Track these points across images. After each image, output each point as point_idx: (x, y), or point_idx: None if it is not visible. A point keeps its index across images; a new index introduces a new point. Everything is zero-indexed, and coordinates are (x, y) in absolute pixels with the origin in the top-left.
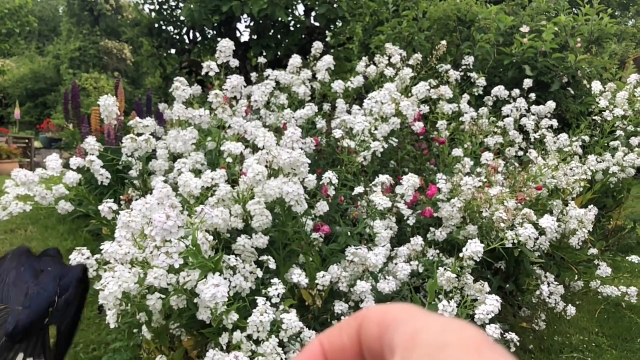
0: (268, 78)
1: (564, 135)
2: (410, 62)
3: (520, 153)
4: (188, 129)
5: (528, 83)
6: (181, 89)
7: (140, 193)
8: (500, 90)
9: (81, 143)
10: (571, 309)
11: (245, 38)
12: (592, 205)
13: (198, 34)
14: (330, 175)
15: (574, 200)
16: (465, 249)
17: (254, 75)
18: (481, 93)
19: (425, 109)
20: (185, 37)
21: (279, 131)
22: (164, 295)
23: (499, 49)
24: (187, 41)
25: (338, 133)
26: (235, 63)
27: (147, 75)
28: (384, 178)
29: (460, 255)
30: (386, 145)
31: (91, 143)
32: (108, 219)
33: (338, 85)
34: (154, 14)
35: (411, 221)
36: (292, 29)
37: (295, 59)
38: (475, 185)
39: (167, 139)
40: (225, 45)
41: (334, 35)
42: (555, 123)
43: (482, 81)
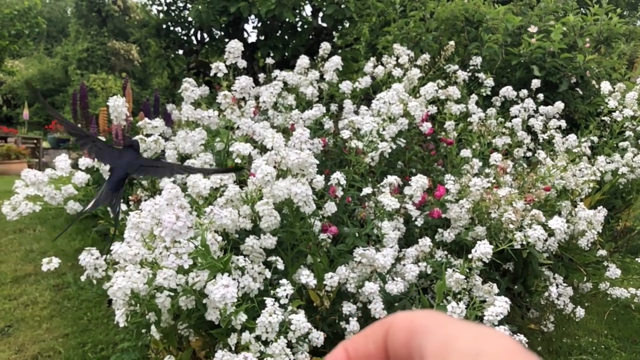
0: (276, 79)
1: (572, 136)
2: (418, 63)
3: (528, 154)
4: (196, 130)
5: (536, 83)
6: (190, 89)
7: (149, 193)
8: (508, 91)
9: None
10: (580, 311)
11: (252, 39)
12: (601, 206)
13: (205, 35)
14: (338, 175)
15: (583, 201)
16: (474, 250)
17: (262, 76)
18: (489, 93)
19: (433, 110)
20: (193, 38)
21: (286, 132)
22: (172, 294)
23: (507, 49)
24: (195, 42)
25: (346, 133)
26: (243, 64)
27: (154, 76)
28: (392, 179)
29: (469, 256)
30: (394, 145)
31: None
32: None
33: (346, 85)
34: (161, 15)
35: (419, 222)
36: (299, 29)
37: (303, 60)
38: (484, 186)
39: (176, 139)
40: (234, 46)
41: (341, 35)
42: (563, 123)
43: (490, 81)
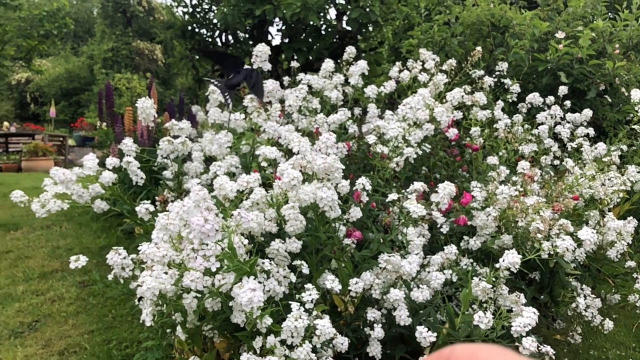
0: (300, 82)
1: (601, 144)
2: (444, 68)
3: (556, 162)
4: (222, 132)
5: (563, 90)
6: (217, 92)
7: (175, 194)
8: (534, 97)
9: (114, 142)
10: (609, 323)
11: (276, 41)
12: (631, 217)
13: (230, 37)
14: (363, 181)
15: (611, 210)
16: (501, 260)
17: (286, 79)
18: (515, 99)
19: (458, 115)
20: (218, 40)
21: (311, 135)
22: (199, 295)
23: (533, 55)
24: (220, 44)
25: (371, 138)
26: (268, 67)
27: (178, 76)
28: (418, 185)
29: (496, 265)
30: (420, 151)
31: (128, 144)
32: (144, 220)
33: (371, 90)
34: (186, 17)
35: (444, 229)
36: (324, 32)
37: (328, 63)
38: (511, 194)
39: (202, 141)
40: (261, 50)
41: (365, 39)
42: (591, 131)
43: (516, 87)
